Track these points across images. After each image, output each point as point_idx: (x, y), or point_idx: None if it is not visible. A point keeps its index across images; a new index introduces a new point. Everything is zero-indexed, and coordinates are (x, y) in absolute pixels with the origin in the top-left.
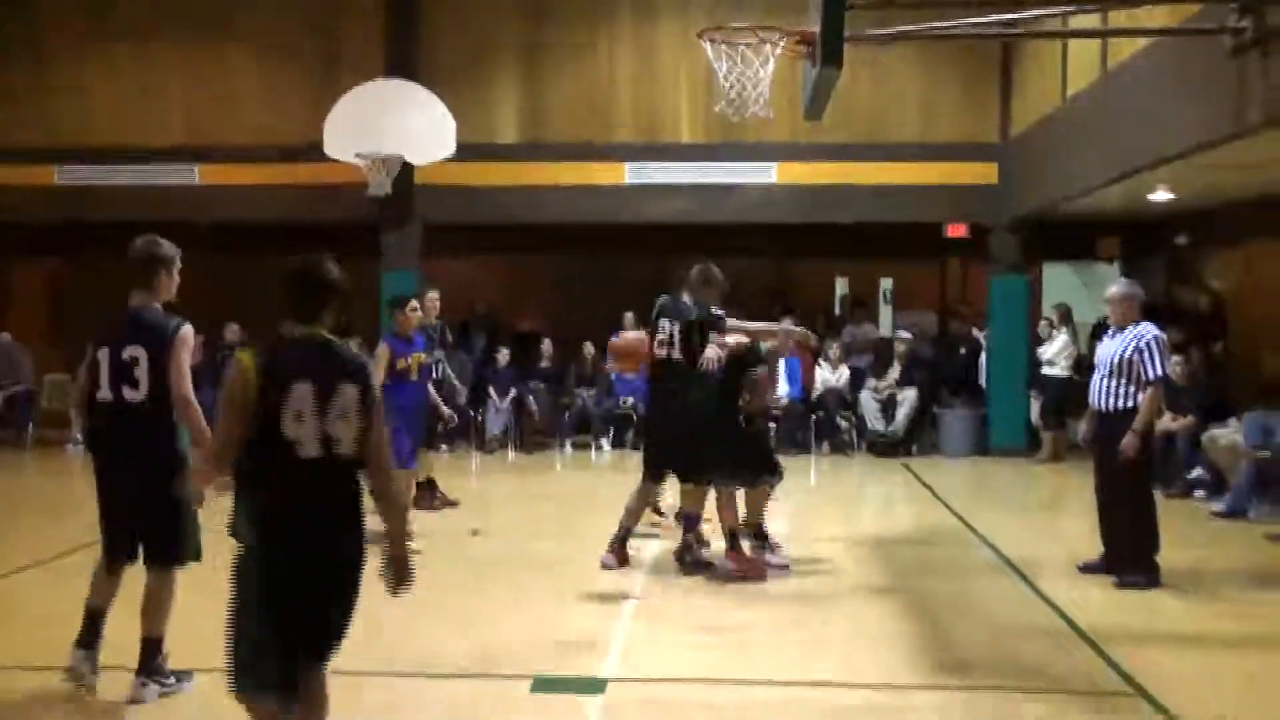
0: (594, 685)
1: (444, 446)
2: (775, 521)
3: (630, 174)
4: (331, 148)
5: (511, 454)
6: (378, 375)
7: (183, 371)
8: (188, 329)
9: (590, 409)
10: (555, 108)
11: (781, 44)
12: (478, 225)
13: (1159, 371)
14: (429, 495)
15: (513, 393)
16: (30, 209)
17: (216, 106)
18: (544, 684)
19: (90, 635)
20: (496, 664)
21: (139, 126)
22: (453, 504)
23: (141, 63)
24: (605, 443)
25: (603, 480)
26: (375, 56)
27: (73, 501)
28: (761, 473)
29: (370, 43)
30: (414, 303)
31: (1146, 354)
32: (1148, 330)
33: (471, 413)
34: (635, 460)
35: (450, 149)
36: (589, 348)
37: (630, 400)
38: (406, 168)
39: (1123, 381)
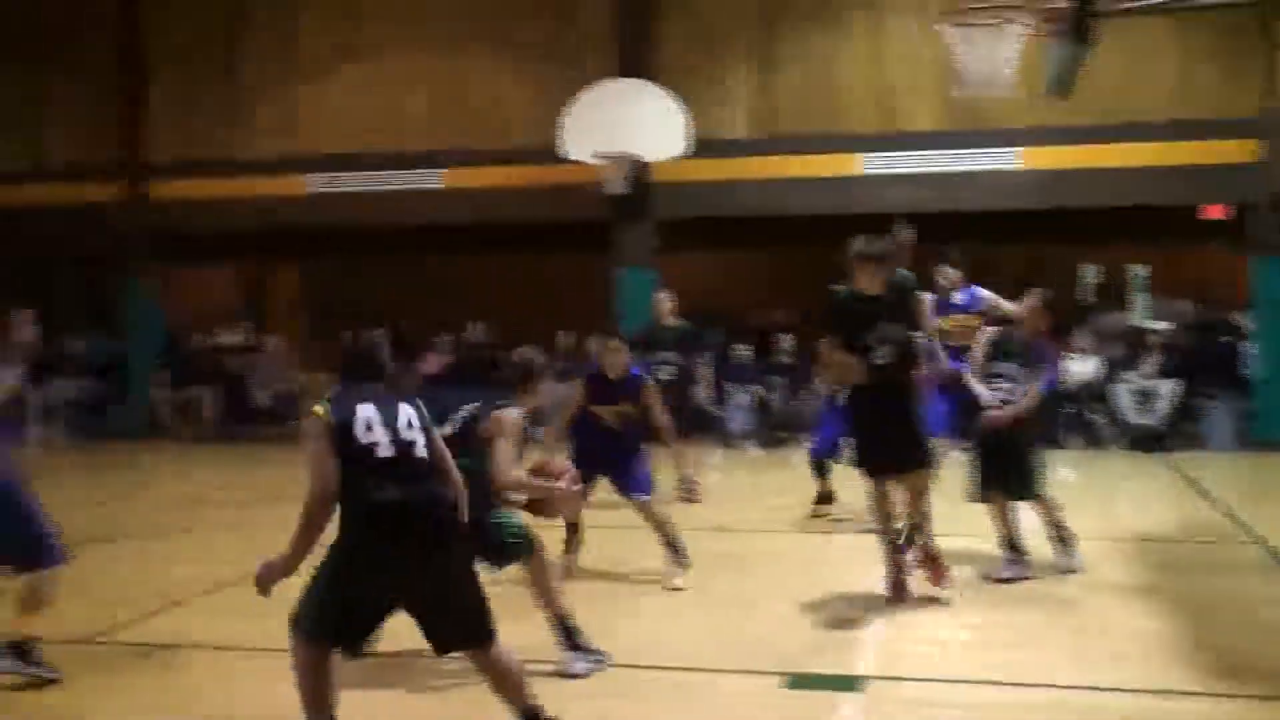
0: (851, 683)
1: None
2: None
3: (865, 164)
4: (570, 148)
5: (753, 449)
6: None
7: None
8: None
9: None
10: (788, 100)
11: (1026, 23)
12: (712, 220)
13: None
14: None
15: (753, 388)
16: (289, 218)
17: (456, 111)
18: (799, 681)
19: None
20: (750, 660)
21: (384, 133)
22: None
23: (386, 72)
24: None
25: (847, 475)
26: (610, 57)
27: None
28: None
29: (604, 43)
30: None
31: None
32: None
33: (713, 409)
34: None
35: (684, 145)
36: None
37: None
38: (644, 166)
39: None
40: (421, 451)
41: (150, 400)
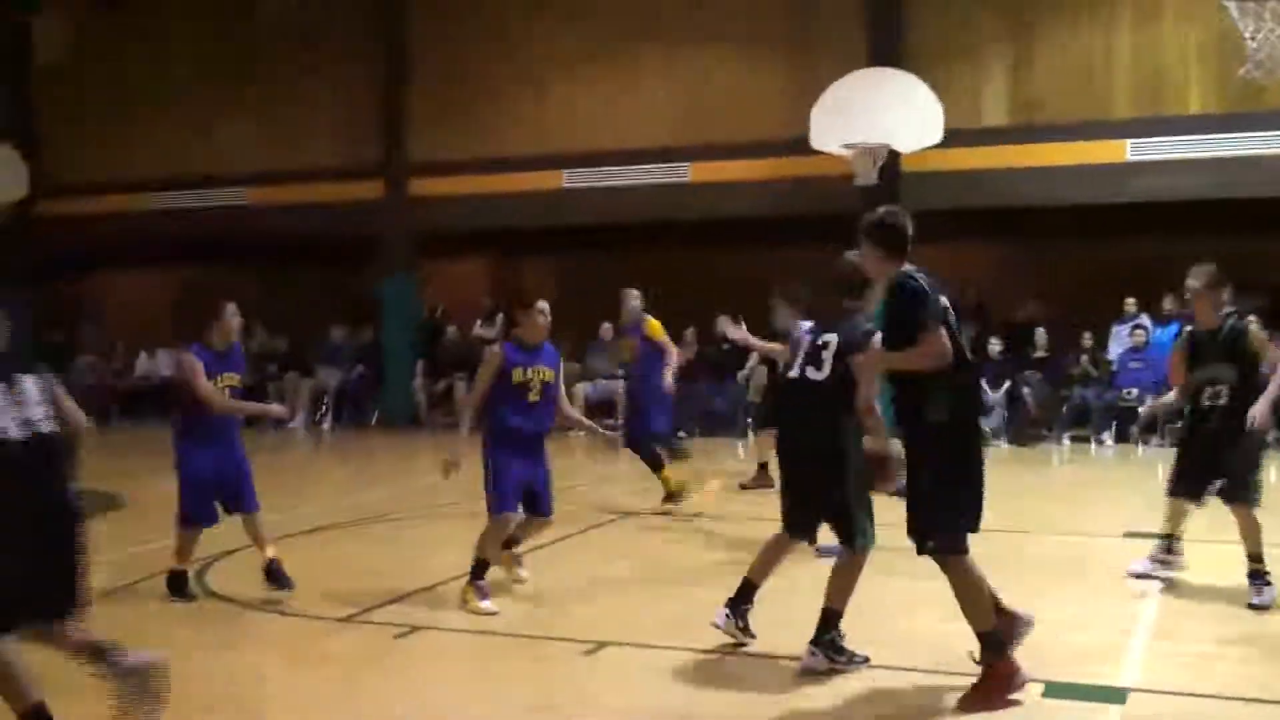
0: (1114, 695)
1: None
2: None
3: (1131, 150)
4: (818, 140)
5: (1005, 446)
6: None
7: None
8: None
9: (1090, 401)
10: (1047, 85)
11: None
12: (967, 210)
13: None
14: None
15: (1007, 384)
16: (540, 214)
17: (702, 105)
18: (1059, 690)
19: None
20: None
21: (628, 130)
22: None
23: (626, 70)
24: (1107, 437)
25: (1106, 476)
26: (857, 45)
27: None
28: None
29: (851, 31)
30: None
31: None
32: None
33: None
34: (1139, 456)
35: (937, 135)
36: (1087, 338)
37: (1134, 392)
38: (893, 155)
39: None
40: None
41: (411, 390)
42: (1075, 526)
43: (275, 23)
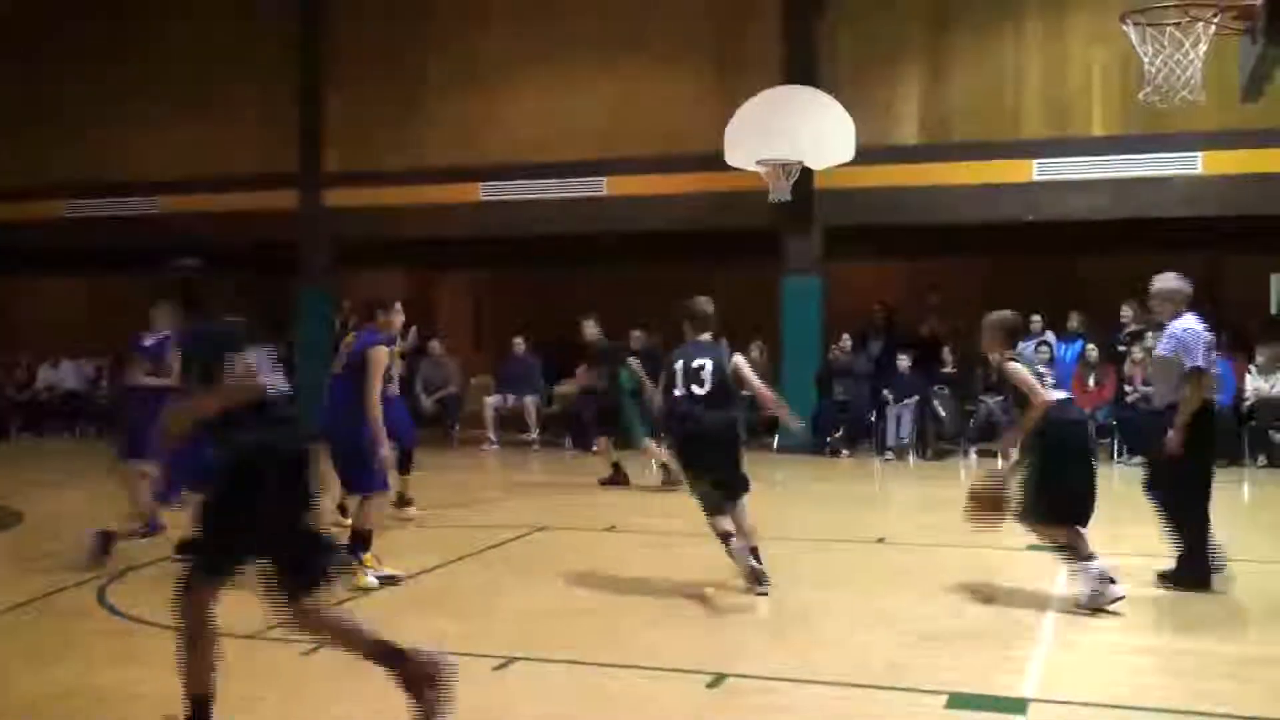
0: (1015, 705)
1: (845, 451)
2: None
3: (1038, 170)
4: (733, 156)
5: (913, 460)
6: None
7: None
8: None
9: (998, 415)
10: (959, 105)
11: (1215, 21)
12: (879, 227)
13: None
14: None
15: (914, 398)
16: (458, 225)
17: (624, 118)
18: (960, 701)
19: None
20: (907, 676)
21: (553, 142)
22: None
23: (556, 81)
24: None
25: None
26: (774, 62)
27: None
28: None
29: (770, 48)
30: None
31: None
32: None
33: (871, 418)
34: None
35: (850, 152)
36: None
37: None
38: (806, 172)
39: None
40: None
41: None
42: (978, 539)
43: (194, 28)
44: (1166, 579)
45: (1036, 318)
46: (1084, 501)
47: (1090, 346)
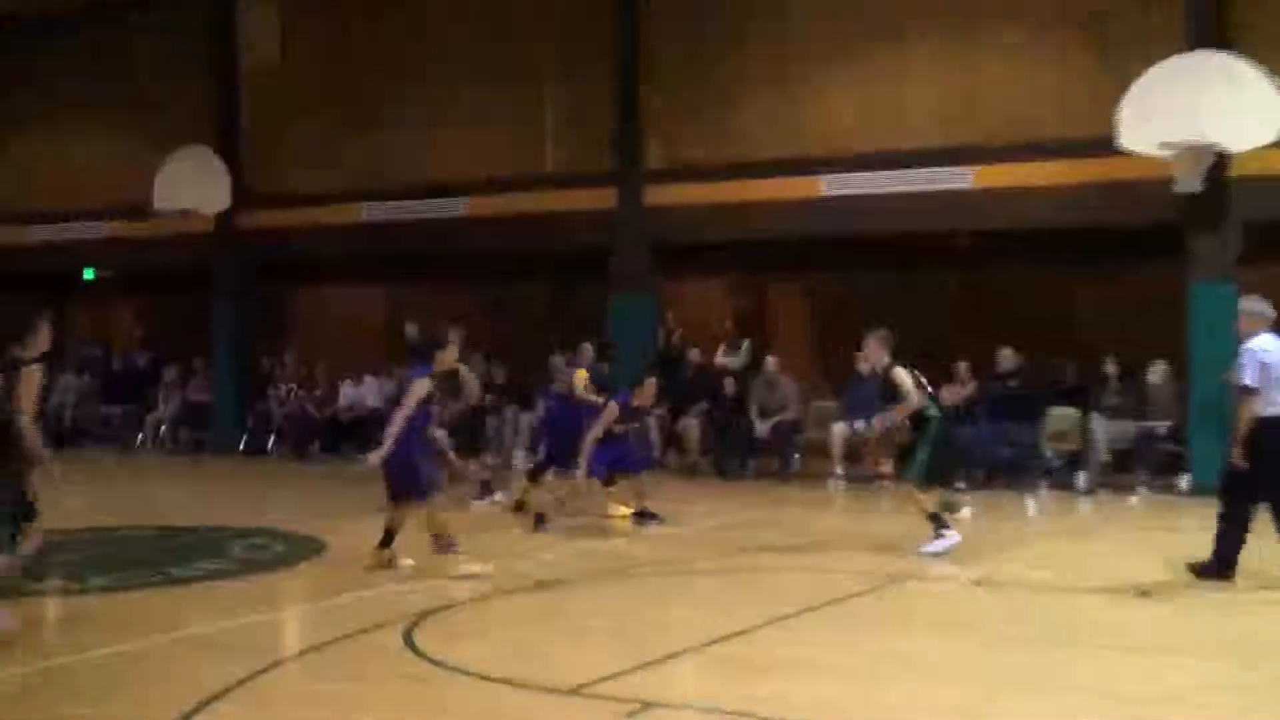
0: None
1: None
2: None
3: None
4: (1128, 139)
5: None
6: None
7: None
8: None
9: None
10: None
11: None
12: None
13: None
14: None
15: None
16: (794, 223)
17: (982, 100)
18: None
19: None
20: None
21: (894, 130)
22: None
23: (888, 64)
24: None
25: None
26: (1172, 25)
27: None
28: None
29: (1165, 9)
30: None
31: None
32: None
33: None
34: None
35: (1273, 132)
36: None
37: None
38: (1221, 157)
39: None
40: None
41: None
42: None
43: (499, 20)
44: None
45: None
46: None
47: None
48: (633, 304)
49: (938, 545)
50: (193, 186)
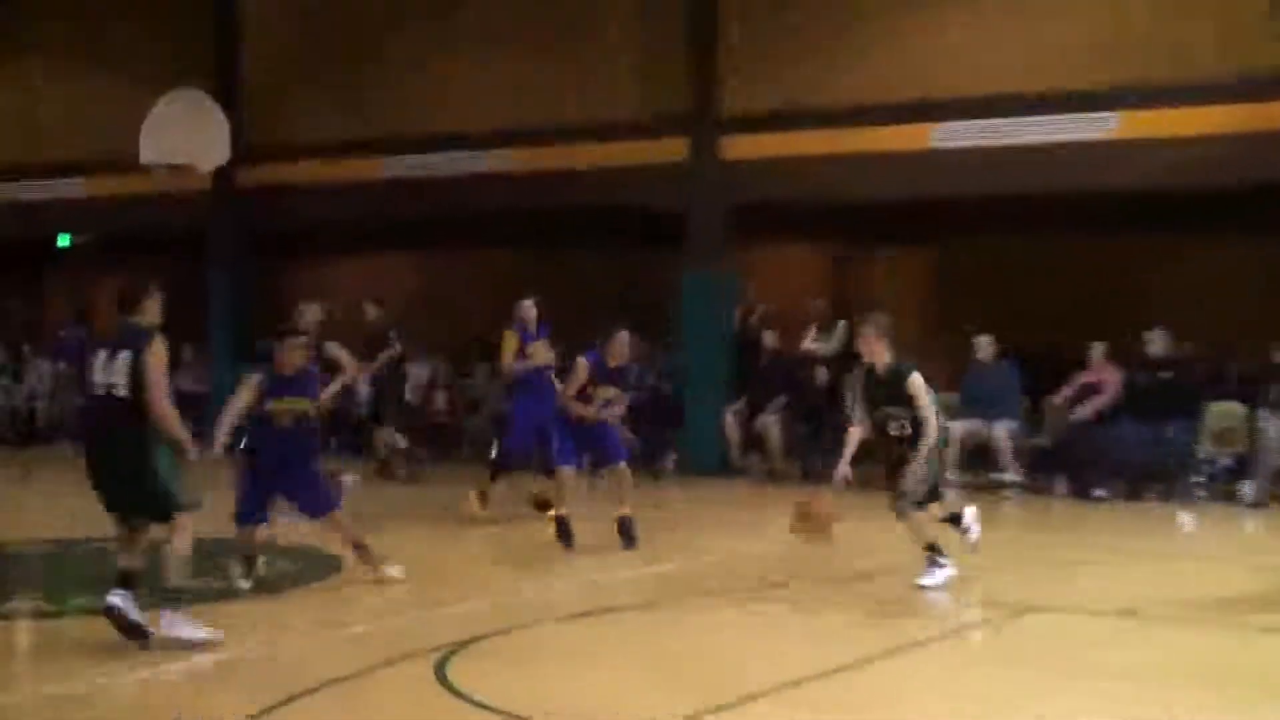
0: None
1: None
2: None
3: None
4: None
5: None
6: None
7: None
8: None
9: None
10: None
11: None
12: None
13: None
14: None
15: None
16: (898, 182)
17: (1126, 33)
18: None
19: None
20: None
21: (1017, 71)
22: None
23: None
24: None
25: None
26: None
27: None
28: None
29: None
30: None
31: None
32: None
33: None
34: None
35: None
36: None
37: None
38: None
39: None
40: None
41: (719, 423)
42: None
43: None
44: None
45: None
46: None
47: None
48: (708, 277)
49: (937, 577)
50: (186, 136)
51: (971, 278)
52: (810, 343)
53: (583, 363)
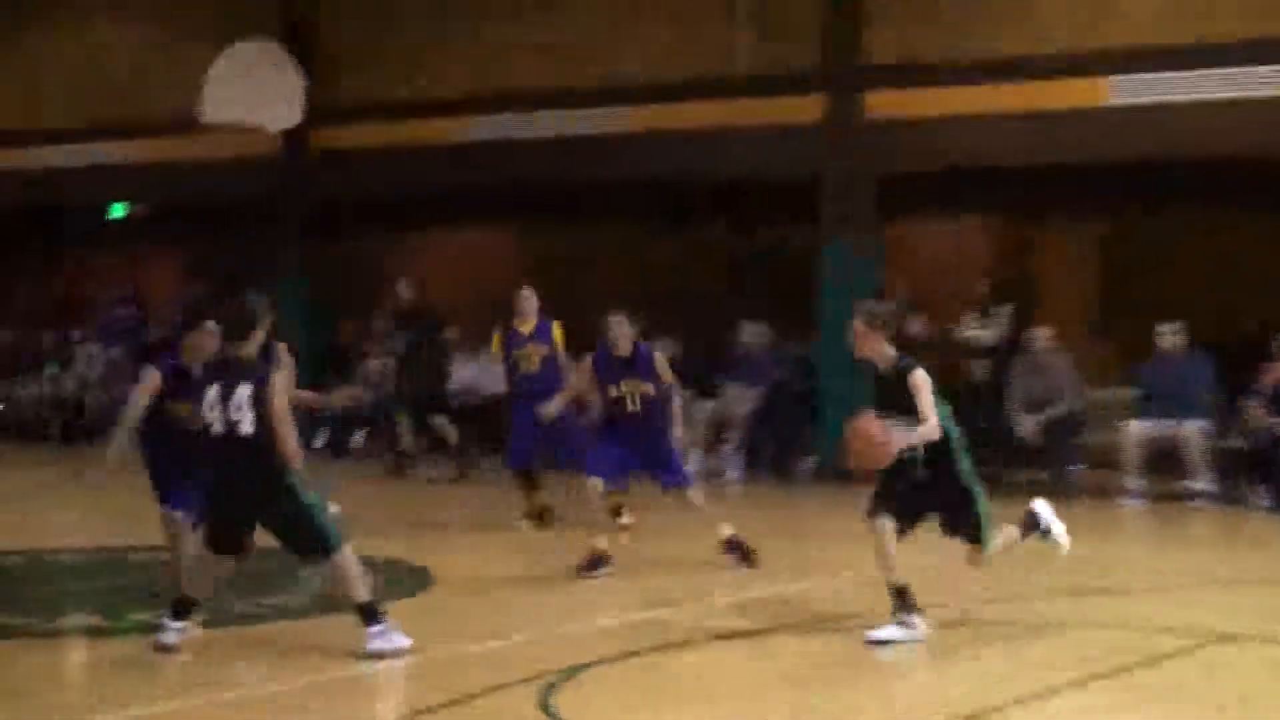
0: None
1: None
2: None
3: None
4: None
5: None
6: None
7: None
8: None
9: None
10: None
11: None
12: None
13: None
14: None
15: None
16: (1070, 143)
17: None
18: None
19: None
20: None
21: (1206, 17)
22: None
23: None
24: None
25: None
26: None
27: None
28: None
29: None
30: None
31: None
32: None
33: None
34: None
35: None
36: None
37: None
38: None
39: None
40: None
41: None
42: None
43: None
44: None
45: None
46: None
47: None
48: (849, 253)
49: (892, 632)
50: (254, 93)
51: (1153, 255)
52: (969, 329)
53: (579, 364)
